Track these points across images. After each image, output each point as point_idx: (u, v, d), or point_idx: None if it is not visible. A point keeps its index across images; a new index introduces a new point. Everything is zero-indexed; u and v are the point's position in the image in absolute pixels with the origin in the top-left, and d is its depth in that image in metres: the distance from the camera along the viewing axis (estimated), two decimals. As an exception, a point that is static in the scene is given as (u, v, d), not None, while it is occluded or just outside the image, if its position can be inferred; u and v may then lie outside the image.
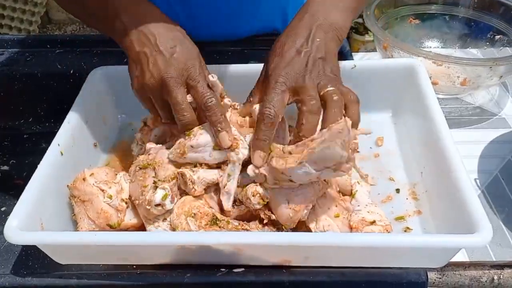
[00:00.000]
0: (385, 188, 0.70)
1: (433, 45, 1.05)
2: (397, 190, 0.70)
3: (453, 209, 0.59)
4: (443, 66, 0.86)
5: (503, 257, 0.64)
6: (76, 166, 0.67)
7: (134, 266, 0.59)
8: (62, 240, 0.56)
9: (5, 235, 0.55)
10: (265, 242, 0.54)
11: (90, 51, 0.93)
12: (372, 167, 0.74)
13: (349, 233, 0.60)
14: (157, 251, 0.58)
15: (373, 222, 0.61)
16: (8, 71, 0.90)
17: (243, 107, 0.66)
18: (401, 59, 0.83)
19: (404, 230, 0.64)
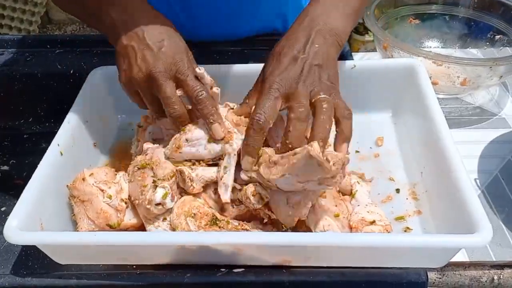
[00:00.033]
0: (385, 188, 0.70)
1: (433, 45, 1.05)
2: (397, 190, 0.70)
3: (453, 209, 0.59)
4: (443, 66, 0.86)
5: (503, 257, 0.64)
6: (76, 166, 0.67)
7: (134, 266, 0.59)
8: (61, 240, 0.56)
9: (5, 235, 0.55)
10: (265, 242, 0.54)
11: (90, 51, 0.92)
12: (372, 167, 0.74)
13: (349, 233, 0.60)
14: (157, 251, 0.58)
15: (373, 222, 0.60)
16: (8, 71, 0.90)
17: (240, 108, 0.66)
18: (401, 59, 0.83)
19: (404, 230, 0.64)
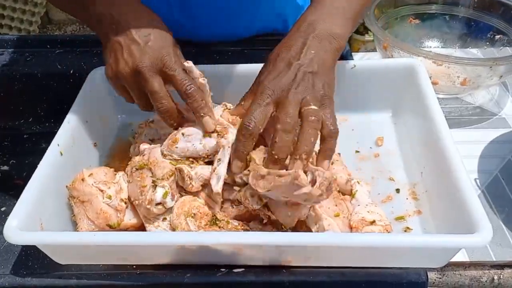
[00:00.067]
0: (385, 188, 0.70)
1: (433, 45, 1.05)
2: (397, 190, 0.70)
3: (453, 209, 0.59)
4: (443, 66, 0.86)
5: (503, 257, 0.64)
6: (75, 166, 0.67)
7: (134, 266, 0.59)
8: (61, 240, 0.56)
9: (5, 235, 0.55)
10: (265, 242, 0.54)
11: (90, 51, 0.92)
12: (372, 167, 0.74)
13: (349, 233, 0.60)
14: (157, 251, 0.58)
15: (373, 222, 0.60)
16: (8, 71, 0.90)
17: (235, 109, 0.66)
18: (401, 59, 0.83)
19: (404, 230, 0.64)
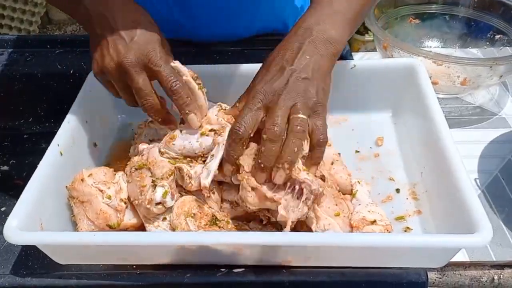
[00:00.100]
0: (385, 188, 0.70)
1: (433, 45, 1.05)
2: (397, 190, 0.70)
3: (453, 209, 0.59)
4: (443, 66, 0.86)
5: (503, 257, 0.64)
6: (75, 166, 0.67)
7: (134, 266, 0.59)
8: (61, 240, 0.56)
9: (5, 235, 0.55)
10: (265, 242, 0.54)
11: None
12: (372, 167, 0.74)
13: (349, 233, 0.60)
14: (157, 251, 0.58)
15: (373, 222, 0.60)
16: (8, 71, 0.90)
17: (230, 110, 0.66)
18: (401, 59, 0.83)
19: (404, 230, 0.64)
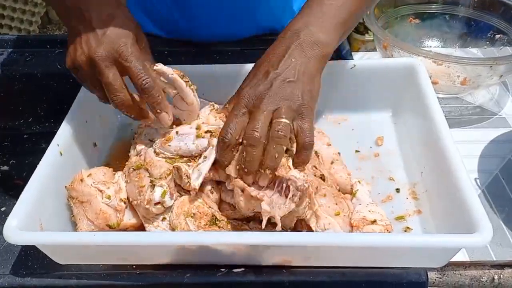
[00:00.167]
0: (385, 187, 0.70)
1: (433, 45, 1.05)
2: (397, 190, 0.70)
3: (453, 208, 0.59)
4: (443, 66, 0.86)
5: (504, 256, 0.64)
6: (75, 166, 0.67)
7: (134, 266, 0.59)
8: (61, 240, 0.56)
9: (5, 235, 0.55)
10: (265, 242, 0.54)
11: (90, 51, 0.92)
12: (372, 167, 0.74)
13: (349, 233, 0.60)
14: (156, 251, 0.58)
15: (374, 222, 0.60)
16: (8, 71, 0.90)
17: (221, 110, 0.66)
18: (401, 59, 0.83)
19: (404, 230, 0.64)
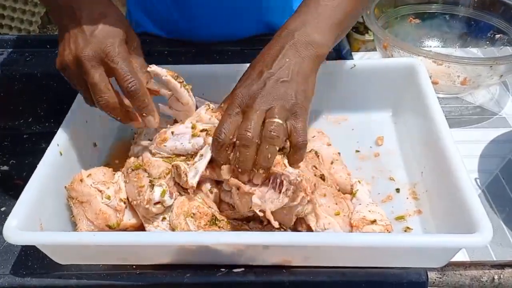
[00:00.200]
0: (385, 187, 0.70)
1: (433, 45, 1.05)
2: (397, 190, 0.70)
3: (454, 208, 0.59)
4: (443, 66, 0.86)
5: (504, 256, 0.64)
6: (75, 166, 0.67)
7: (134, 266, 0.59)
8: (61, 240, 0.56)
9: (4, 235, 0.55)
10: (265, 242, 0.54)
11: (90, 51, 0.92)
12: (372, 167, 0.74)
13: (349, 233, 0.60)
14: (156, 251, 0.58)
15: (374, 222, 0.60)
16: (8, 71, 0.90)
17: (216, 110, 0.66)
18: (401, 59, 0.83)
19: (404, 230, 0.64)
